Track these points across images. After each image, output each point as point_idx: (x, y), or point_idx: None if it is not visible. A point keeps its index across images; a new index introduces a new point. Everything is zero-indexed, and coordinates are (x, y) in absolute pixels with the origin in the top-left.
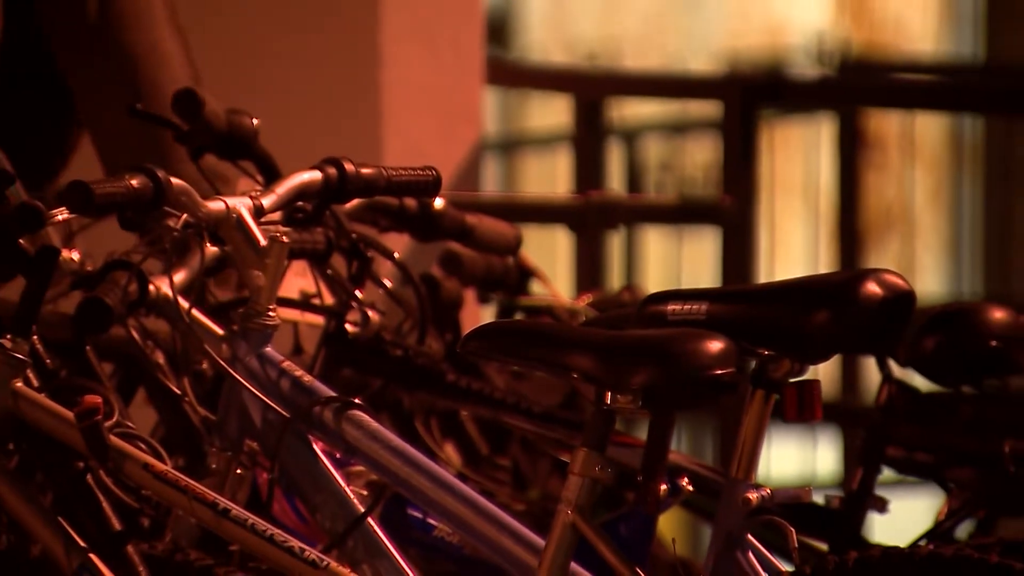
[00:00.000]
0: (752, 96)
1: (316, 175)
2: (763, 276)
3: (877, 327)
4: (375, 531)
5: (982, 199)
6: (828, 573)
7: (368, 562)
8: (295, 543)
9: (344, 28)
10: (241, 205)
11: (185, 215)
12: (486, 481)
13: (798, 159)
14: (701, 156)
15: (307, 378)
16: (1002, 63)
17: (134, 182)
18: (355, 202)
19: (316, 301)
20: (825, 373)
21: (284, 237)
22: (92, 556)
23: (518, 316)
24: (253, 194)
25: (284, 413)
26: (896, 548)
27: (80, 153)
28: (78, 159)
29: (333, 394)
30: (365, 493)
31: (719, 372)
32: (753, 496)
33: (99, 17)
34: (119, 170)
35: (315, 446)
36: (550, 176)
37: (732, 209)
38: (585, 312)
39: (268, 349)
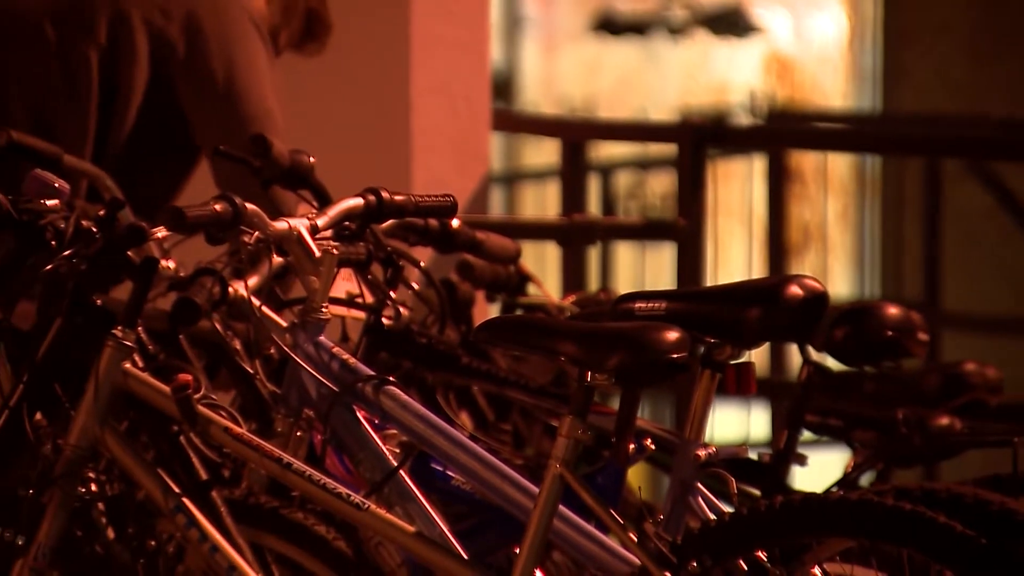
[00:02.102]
0: (701, 139)
1: (359, 201)
2: (709, 280)
3: (798, 320)
4: (405, 481)
5: (880, 220)
6: (760, 514)
7: (400, 505)
8: (343, 490)
9: (380, 84)
10: (300, 225)
11: (257, 232)
12: (492, 442)
13: (737, 189)
14: (660, 187)
15: (352, 360)
16: (895, 114)
17: (217, 207)
18: (389, 222)
19: (359, 300)
20: (758, 356)
21: (334, 250)
22: (184, 499)
23: (518, 312)
24: (310, 216)
25: (334, 388)
26: (813, 494)
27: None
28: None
29: (372, 373)
30: (398, 451)
31: (675, 356)
32: (702, 453)
33: (226, 90)
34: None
35: (358, 414)
36: (542, 202)
37: (685, 228)
38: (570, 309)
39: (322, 338)
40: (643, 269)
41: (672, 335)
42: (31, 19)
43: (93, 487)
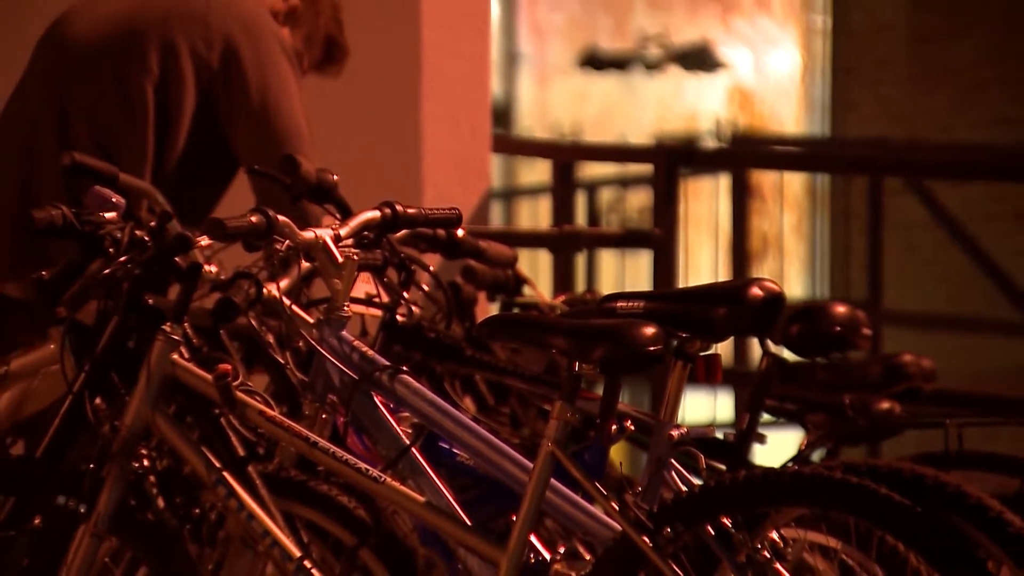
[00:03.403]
0: (673, 161)
1: (376, 214)
2: (681, 283)
3: (759, 317)
4: (417, 458)
5: (829, 231)
6: (725, 486)
7: (412, 479)
8: (362, 465)
9: (395, 112)
10: (325, 234)
11: (287, 241)
12: (492, 423)
13: (705, 204)
14: (638, 201)
15: (370, 353)
16: (842, 139)
17: (253, 219)
18: (403, 232)
19: (376, 300)
20: (723, 349)
21: (354, 256)
22: (224, 473)
23: (515, 310)
24: (333, 227)
25: (354, 376)
26: (771, 468)
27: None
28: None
29: (388, 364)
30: (410, 431)
31: (652, 348)
32: (675, 433)
33: (261, 110)
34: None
35: (376, 399)
36: (535, 215)
37: (660, 238)
38: (560, 307)
39: (344, 332)
40: (623, 273)
41: (649, 330)
42: (93, 55)
43: (145, 462)
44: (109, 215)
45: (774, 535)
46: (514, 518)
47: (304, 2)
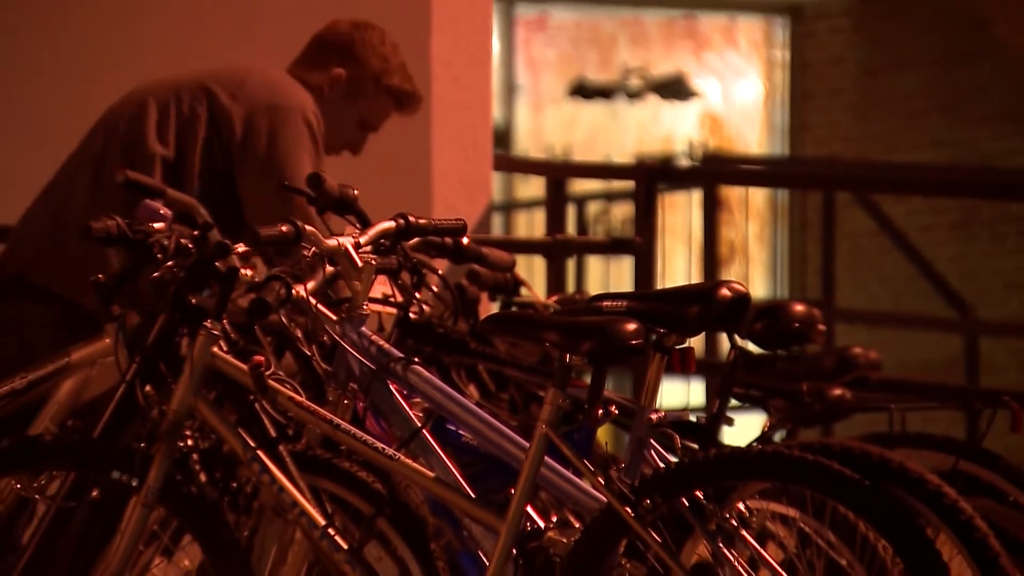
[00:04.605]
0: (652, 178)
1: (392, 224)
2: (659, 285)
3: (727, 315)
4: (427, 438)
5: (788, 239)
6: (698, 463)
7: (423, 456)
8: (379, 445)
9: (408, 136)
10: (347, 242)
11: (314, 248)
12: (493, 408)
13: (680, 215)
14: (621, 213)
15: (386, 346)
16: (800, 158)
17: (284, 228)
18: (415, 240)
19: (391, 300)
20: (696, 343)
21: (372, 261)
22: (259, 451)
23: (513, 309)
24: (354, 235)
25: (372, 367)
26: (738, 447)
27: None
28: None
29: (402, 356)
30: (421, 415)
31: (634, 342)
32: (654, 416)
33: (265, 172)
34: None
35: (391, 387)
36: (531, 225)
37: (640, 245)
38: (553, 306)
39: (363, 328)
40: (608, 276)
41: (631, 326)
42: (163, 91)
43: (190, 442)
44: (157, 225)
45: (740, 506)
46: (512, 491)
47: (350, 69)
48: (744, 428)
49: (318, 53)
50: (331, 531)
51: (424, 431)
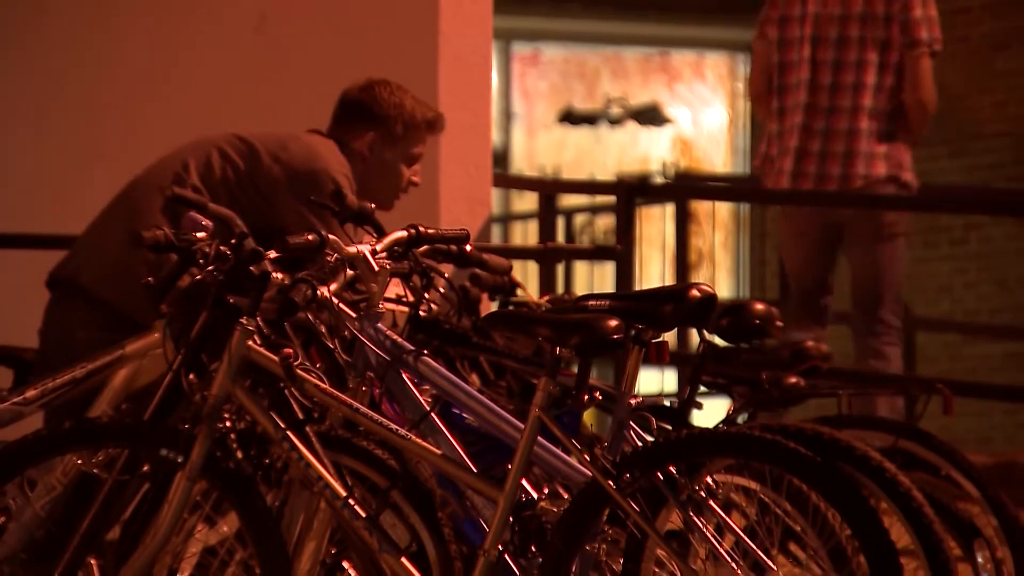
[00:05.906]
0: (631, 193)
1: (404, 233)
2: (637, 286)
3: (697, 313)
4: (435, 420)
5: (749, 247)
6: (671, 442)
7: (432, 436)
8: (394, 426)
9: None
10: (365, 249)
11: (336, 254)
12: (493, 394)
13: (655, 226)
14: (604, 224)
15: (399, 340)
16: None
17: (310, 237)
18: (424, 247)
19: (404, 300)
20: (670, 337)
21: (387, 266)
22: (288, 432)
23: (510, 308)
24: (371, 243)
25: (387, 358)
26: (706, 428)
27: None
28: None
29: (413, 348)
30: (430, 400)
31: (616, 337)
32: (633, 401)
33: (287, 181)
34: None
35: (404, 375)
36: (526, 235)
37: (621, 252)
38: (545, 305)
39: (379, 324)
40: (593, 279)
41: (613, 323)
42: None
43: (228, 423)
44: (200, 235)
45: (709, 479)
46: (509, 466)
47: (377, 128)
48: (711, 412)
49: (345, 117)
50: (351, 501)
51: (432, 414)
